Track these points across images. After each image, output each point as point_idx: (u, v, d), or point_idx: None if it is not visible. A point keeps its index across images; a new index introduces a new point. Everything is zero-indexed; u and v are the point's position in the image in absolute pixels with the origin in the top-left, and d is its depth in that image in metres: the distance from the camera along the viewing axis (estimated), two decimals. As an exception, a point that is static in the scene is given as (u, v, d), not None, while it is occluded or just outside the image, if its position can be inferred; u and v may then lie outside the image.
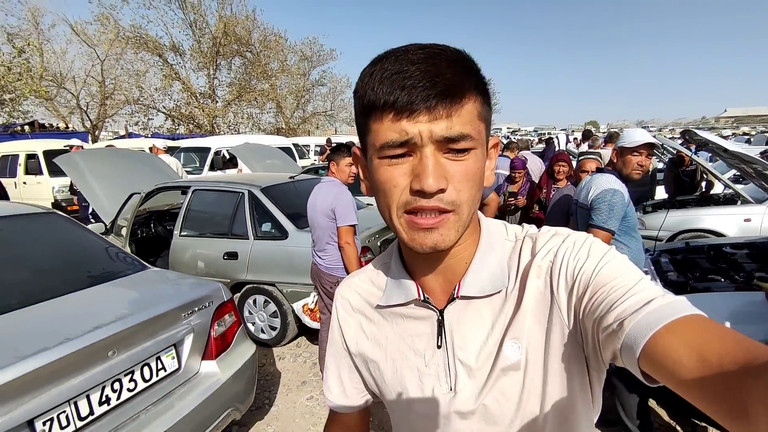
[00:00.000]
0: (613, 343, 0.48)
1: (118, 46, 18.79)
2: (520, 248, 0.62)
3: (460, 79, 0.49)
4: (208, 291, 2.20)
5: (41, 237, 2.29)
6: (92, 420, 1.61)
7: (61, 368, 1.52)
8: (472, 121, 0.51)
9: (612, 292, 0.50)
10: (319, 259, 3.12)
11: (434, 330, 0.63)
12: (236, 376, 2.20)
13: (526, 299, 0.58)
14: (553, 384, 0.57)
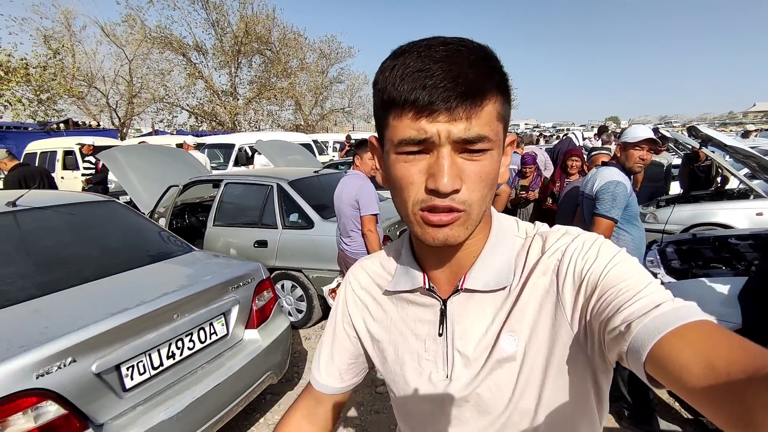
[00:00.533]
0: (619, 345, 0.48)
1: (144, 46, 19.49)
2: (529, 245, 0.62)
3: (481, 79, 0.49)
4: (250, 269, 2.51)
5: (106, 221, 2.63)
6: (162, 370, 1.92)
7: (138, 325, 1.83)
8: (491, 122, 0.51)
9: (620, 295, 0.50)
10: (345, 245, 3.40)
11: (436, 318, 0.65)
12: (274, 345, 2.50)
13: (527, 295, 0.59)
14: (552, 382, 0.58)
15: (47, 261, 2.17)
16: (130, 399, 1.78)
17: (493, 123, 0.51)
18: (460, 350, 0.62)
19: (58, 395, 1.54)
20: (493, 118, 0.51)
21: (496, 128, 0.52)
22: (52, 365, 1.54)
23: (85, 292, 2.00)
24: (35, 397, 1.48)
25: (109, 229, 2.60)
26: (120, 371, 1.76)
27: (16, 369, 1.46)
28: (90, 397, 1.64)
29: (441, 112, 0.48)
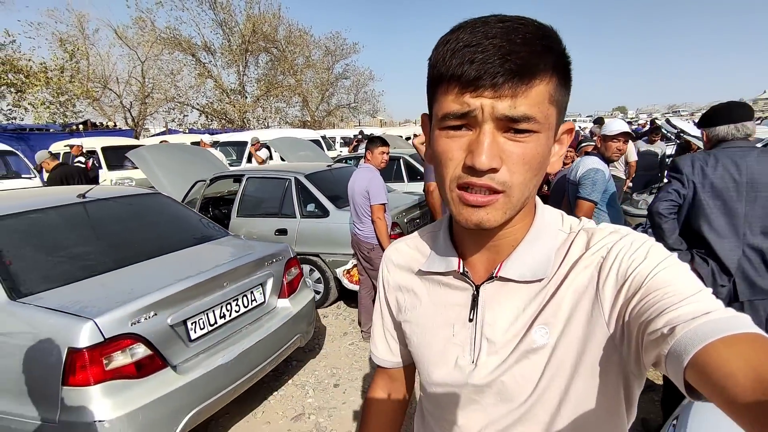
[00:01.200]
0: (659, 347, 0.45)
1: (156, 47, 20.03)
2: (572, 240, 0.61)
3: (534, 58, 0.48)
4: (280, 248, 2.96)
5: (156, 209, 3.09)
6: (216, 327, 2.38)
7: (199, 290, 2.29)
8: (541, 103, 0.49)
9: (666, 297, 0.48)
10: (357, 230, 3.83)
11: (468, 303, 0.64)
12: (301, 312, 2.95)
13: (565, 290, 0.57)
14: (582, 379, 0.56)
15: (116, 242, 2.63)
16: (194, 348, 2.24)
17: (543, 104, 0.50)
18: (489, 337, 0.61)
19: (145, 340, 1.99)
20: (544, 100, 0.50)
21: (545, 110, 0.50)
22: (141, 316, 1.99)
23: (152, 265, 2.46)
24: (130, 340, 1.94)
25: (159, 216, 3.05)
26: (186, 325, 2.22)
27: (118, 318, 1.92)
28: (166, 344, 2.09)
29: (486, 87, 0.47)
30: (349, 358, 3.71)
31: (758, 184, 2.02)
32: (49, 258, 2.31)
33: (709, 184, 2.09)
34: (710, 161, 2.11)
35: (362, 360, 3.67)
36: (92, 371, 1.81)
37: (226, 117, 22.97)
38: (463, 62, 0.48)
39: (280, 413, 2.98)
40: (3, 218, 2.33)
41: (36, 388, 1.86)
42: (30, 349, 1.87)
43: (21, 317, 1.95)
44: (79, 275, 2.23)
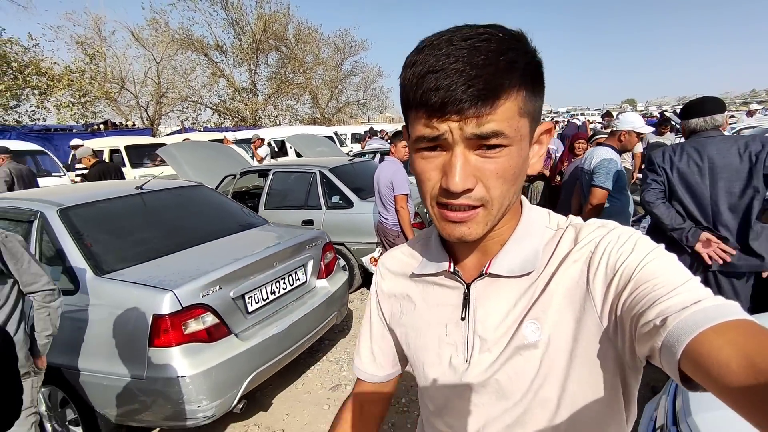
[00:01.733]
0: (652, 339, 0.45)
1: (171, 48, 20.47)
2: (560, 236, 0.62)
3: (499, 77, 0.48)
4: (318, 234, 3.25)
5: (203, 200, 3.39)
6: (268, 302, 2.67)
7: (254, 268, 2.58)
8: (510, 119, 0.50)
9: (656, 289, 0.48)
10: (383, 219, 4.10)
11: (460, 302, 0.65)
12: (337, 291, 3.24)
13: (555, 285, 0.58)
14: (578, 375, 0.57)
15: (174, 227, 2.93)
16: (251, 319, 2.53)
17: (513, 119, 0.50)
18: (481, 335, 0.62)
19: (213, 309, 2.29)
20: (513, 114, 0.50)
21: (515, 124, 0.51)
22: (209, 289, 2.29)
23: (209, 248, 2.76)
24: (202, 309, 2.24)
25: (205, 205, 3.35)
26: (245, 299, 2.51)
27: (192, 289, 2.21)
28: (229, 314, 2.39)
29: (452, 113, 0.49)
30: (376, 338, 4.00)
31: (717, 167, 2.29)
32: (121, 241, 2.62)
33: (676, 170, 2.38)
34: (677, 151, 2.40)
35: (389, 339, 3.95)
36: (173, 334, 2.11)
37: (238, 115, 23.38)
38: (428, 89, 0.49)
39: (318, 384, 3.28)
40: (79, 207, 2.64)
41: (125, 349, 2.16)
42: (118, 316, 2.17)
43: (107, 290, 2.26)
44: (149, 256, 2.53)
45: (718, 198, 2.33)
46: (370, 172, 5.56)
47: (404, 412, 2.89)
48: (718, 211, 2.34)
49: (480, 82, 0.48)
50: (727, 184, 2.29)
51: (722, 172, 2.30)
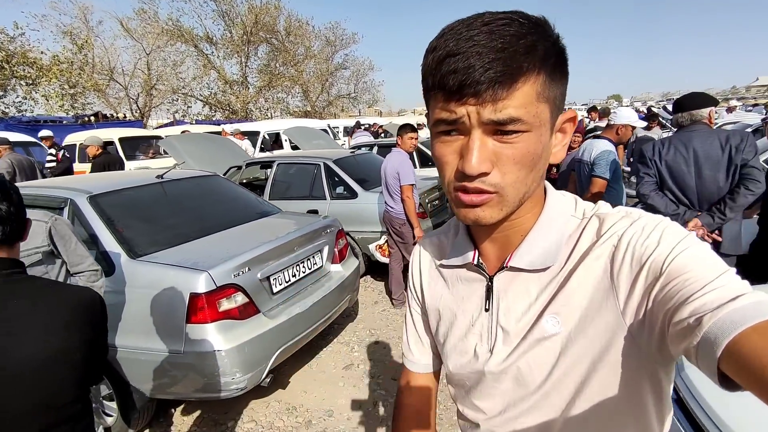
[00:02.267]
0: (687, 339, 0.44)
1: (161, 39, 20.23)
2: (584, 227, 0.61)
3: (517, 60, 0.48)
4: (332, 221, 3.41)
5: (219, 189, 3.52)
6: (290, 284, 2.84)
7: (277, 251, 2.74)
8: (528, 104, 0.50)
9: (689, 284, 0.46)
10: (389, 208, 4.28)
11: (484, 294, 0.67)
12: (350, 275, 3.41)
13: (577, 279, 0.57)
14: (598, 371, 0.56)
15: (197, 215, 3.07)
16: (276, 299, 2.69)
17: (531, 105, 0.50)
18: (503, 326, 0.63)
19: (243, 289, 2.44)
20: (531, 99, 0.50)
21: (534, 109, 0.51)
22: (239, 270, 2.44)
23: (233, 233, 2.91)
24: (233, 289, 2.39)
25: (224, 194, 3.49)
26: (270, 280, 2.67)
27: (225, 270, 2.37)
28: (257, 294, 2.55)
29: (469, 95, 0.49)
30: (383, 321, 4.19)
31: (701, 158, 2.53)
32: (149, 226, 2.75)
33: (664, 163, 2.62)
34: (665, 144, 2.65)
35: (395, 323, 4.15)
36: (209, 312, 2.26)
37: (229, 108, 23.23)
38: (447, 73, 0.49)
39: (332, 364, 3.46)
40: (107, 194, 2.76)
41: (162, 326, 2.31)
42: (155, 296, 2.31)
43: (142, 272, 2.40)
44: (177, 241, 2.67)
45: (703, 186, 2.57)
46: (371, 163, 5.73)
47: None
48: (702, 199, 2.58)
49: (498, 65, 0.48)
50: (710, 173, 2.53)
51: (706, 162, 2.53)
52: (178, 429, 2.80)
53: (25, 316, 1.03)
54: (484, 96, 0.49)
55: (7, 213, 1.09)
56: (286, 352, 2.67)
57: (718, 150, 2.51)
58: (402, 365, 0.88)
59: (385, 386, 3.12)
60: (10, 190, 1.12)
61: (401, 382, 0.88)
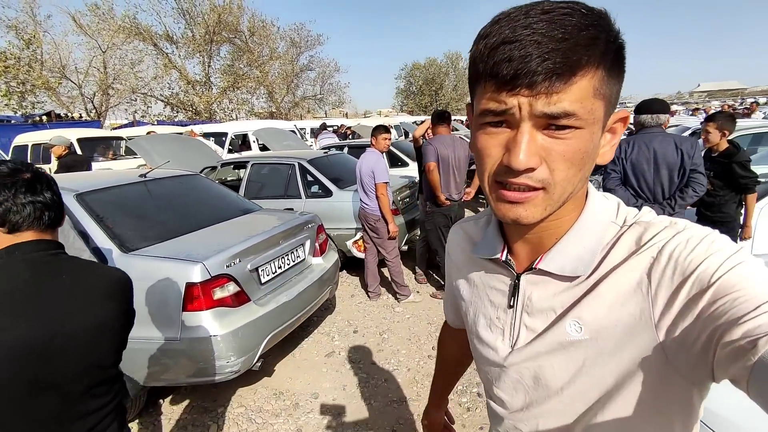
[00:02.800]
0: (739, 362, 0.42)
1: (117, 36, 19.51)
2: (621, 234, 0.58)
3: (577, 52, 0.46)
4: (312, 217, 3.61)
5: (201, 187, 3.63)
6: (276, 275, 3.01)
7: (265, 244, 2.90)
8: (584, 99, 0.48)
9: (740, 302, 0.44)
10: (365, 205, 4.50)
11: (509, 290, 0.66)
12: (331, 268, 3.62)
13: (607, 288, 0.55)
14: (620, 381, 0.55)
15: (183, 212, 3.17)
16: (264, 289, 2.86)
17: (587, 100, 0.48)
18: (527, 324, 0.63)
19: (235, 279, 2.60)
20: (588, 95, 0.48)
21: (590, 105, 0.48)
22: (231, 261, 2.59)
23: (220, 229, 3.04)
24: (226, 279, 2.54)
25: (206, 192, 3.60)
26: (258, 271, 2.83)
27: (218, 261, 2.52)
28: (248, 284, 2.71)
29: (523, 86, 0.47)
30: (360, 313, 4.41)
31: (659, 159, 2.94)
32: (138, 222, 2.84)
33: (629, 160, 3.01)
34: (630, 143, 3.03)
35: (372, 314, 4.38)
36: (205, 300, 2.41)
37: (192, 108, 22.70)
38: (501, 60, 0.47)
39: (315, 353, 3.64)
40: (94, 192, 2.83)
41: (159, 315, 2.43)
42: (150, 287, 2.43)
43: (136, 265, 2.50)
44: (168, 236, 2.79)
45: (659, 183, 2.97)
46: (344, 163, 5.94)
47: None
48: (656, 193, 2.97)
49: (557, 55, 0.46)
50: (666, 172, 2.94)
51: (663, 162, 2.94)
52: (169, 418, 2.90)
53: (75, 289, 1.19)
54: (539, 87, 0.47)
55: (52, 201, 1.24)
56: (275, 337, 2.84)
57: (673, 152, 2.93)
58: None
59: (366, 370, 3.34)
60: (51, 181, 1.27)
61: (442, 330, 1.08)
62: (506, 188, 0.52)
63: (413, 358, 3.50)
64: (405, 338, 3.83)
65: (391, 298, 4.71)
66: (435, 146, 4.24)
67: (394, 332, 3.95)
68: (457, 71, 38.10)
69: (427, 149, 4.25)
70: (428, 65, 38.31)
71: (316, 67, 28.79)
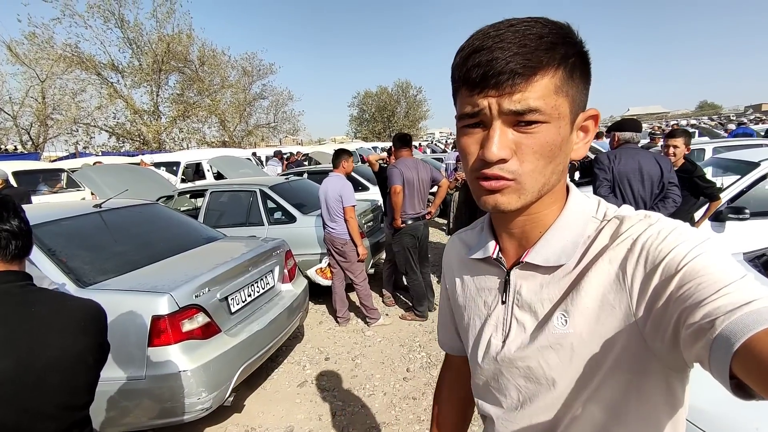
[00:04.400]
0: (699, 341, 0.44)
1: (57, 66, 18.58)
2: (601, 228, 0.62)
3: (538, 54, 0.52)
4: (280, 243, 3.54)
5: (161, 216, 3.48)
6: (246, 304, 2.91)
7: (234, 272, 2.81)
8: (546, 96, 0.53)
9: (703, 287, 0.47)
10: (331, 228, 4.47)
11: (501, 287, 0.69)
12: (301, 294, 3.55)
13: (588, 280, 0.58)
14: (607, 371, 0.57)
15: (143, 241, 3.02)
16: (234, 318, 2.75)
17: (549, 97, 0.53)
18: (518, 318, 0.66)
19: (204, 309, 2.49)
20: (549, 92, 0.53)
21: (552, 102, 0.54)
22: (200, 291, 2.48)
23: (185, 258, 2.92)
24: (195, 309, 2.43)
25: (166, 221, 3.45)
26: (228, 300, 2.72)
27: (186, 292, 2.40)
28: (217, 314, 2.59)
29: (490, 87, 0.53)
30: (330, 340, 4.31)
31: (644, 171, 3.22)
32: (95, 255, 2.67)
33: (618, 170, 3.25)
34: (617, 155, 3.31)
35: (342, 340, 4.30)
36: (173, 333, 2.28)
37: (140, 138, 21.79)
38: (472, 66, 0.54)
39: (286, 384, 3.50)
40: (44, 225, 2.64)
41: (121, 353, 2.26)
42: (111, 323, 2.27)
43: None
44: (128, 267, 2.64)
45: (643, 194, 3.23)
46: (305, 188, 5.91)
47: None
48: (639, 202, 3.22)
49: (519, 58, 0.52)
50: (649, 183, 3.20)
51: (646, 174, 3.20)
52: (129, 466, 2.67)
53: (46, 322, 1.10)
54: (504, 86, 0.53)
55: (19, 229, 1.16)
56: (248, 369, 2.72)
57: (655, 166, 3.24)
58: None
59: (341, 397, 3.25)
60: (18, 209, 1.19)
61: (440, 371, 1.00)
62: (484, 179, 0.57)
63: (388, 381, 3.46)
64: (378, 362, 3.78)
65: (360, 323, 4.65)
66: (400, 169, 4.33)
67: (366, 357, 3.89)
68: (408, 99, 39.29)
69: (392, 172, 4.33)
70: (380, 93, 39.28)
71: (269, 95, 28.75)
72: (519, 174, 0.56)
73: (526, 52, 0.52)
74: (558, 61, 0.53)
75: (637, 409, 0.58)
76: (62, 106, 19.57)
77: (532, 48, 0.52)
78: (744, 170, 4.26)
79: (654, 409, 0.59)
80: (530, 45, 0.52)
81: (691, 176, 3.66)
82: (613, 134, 3.49)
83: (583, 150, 0.62)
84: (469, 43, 0.56)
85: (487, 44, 0.53)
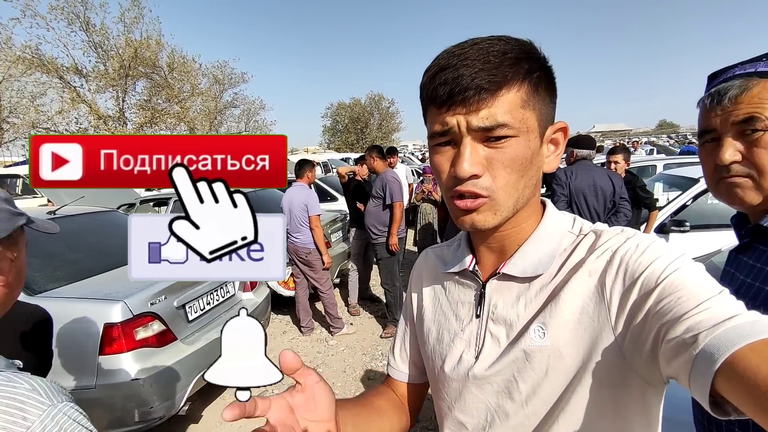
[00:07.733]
0: (681, 356, 0.44)
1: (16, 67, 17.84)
2: (578, 242, 0.62)
3: (503, 70, 0.53)
4: (242, 251, 3.54)
5: (118, 223, 3.43)
6: (204, 312, 2.90)
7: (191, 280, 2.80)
8: (513, 110, 0.54)
9: (683, 301, 0.47)
10: (294, 238, 4.50)
11: (476, 300, 0.68)
12: (262, 303, 3.54)
13: (566, 293, 0.58)
14: (583, 384, 0.56)
15: (98, 249, 2.97)
16: (192, 326, 2.74)
17: (516, 111, 0.54)
18: (492, 332, 0.64)
19: (160, 317, 2.47)
20: (516, 106, 0.54)
21: (520, 116, 0.54)
22: (156, 299, 2.47)
23: (141, 266, 2.89)
24: (150, 317, 2.41)
25: (124, 229, 3.39)
26: (185, 309, 2.71)
27: (141, 299, 2.38)
28: (174, 322, 2.58)
29: (458, 104, 0.54)
30: (293, 349, 4.31)
31: (598, 186, 3.42)
32: (47, 263, 2.62)
33: (573, 185, 3.44)
34: (574, 171, 3.50)
35: (305, 349, 4.31)
36: (126, 341, 2.26)
37: (103, 145, 20.99)
38: (438, 84, 0.55)
39: (246, 393, 3.48)
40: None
41: (71, 361, 2.22)
42: (61, 331, 2.23)
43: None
44: (81, 275, 2.60)
45: (597, 208, 3.41)
46: (270, 198, 5.90)
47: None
48: (593, 216, 3.40)
49: (483, 74, 0.53)
50: (602, 198, 3.39)
51: (600, 190, 3.40)
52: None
53: (-13, 325, 1.11)
54: (470, 102, 0.53)
55: None
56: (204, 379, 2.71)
57: (608, 182, 3.44)
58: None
59: (301, 405, 3.26)
60: None
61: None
62: (459, 198, 0.57)
63: (349, 389, 3.49)
64: (340, 371, 3.82)
65: (324, 332, 4.67)
66: (400, 182, 4.46)
67: (328, 365, 3.92)
68: (381, 111, 39.69)
69: (394, 187, 4.38)
70: (353, 105, 39.54)
71: (241, 104, 28.38)
72: (492, 190, 0.56)
73: (491, 67, 0.53)
74: (522, 75, 0.55)
75: (612, 425, 0.58)
76: (20, 109, 18.74)
77: (497, 64, 0.53)
78: (686, 186, 4.58)
79: (629, 424, 0.58)
80: (494, 61, 0.53)
81: (633, 187, 3.91)
82: (571, 150, 3.70)
83: (555, 162, 0.62)
84: (435, 63, 0.57)
85: (453, 62, 0.54)
